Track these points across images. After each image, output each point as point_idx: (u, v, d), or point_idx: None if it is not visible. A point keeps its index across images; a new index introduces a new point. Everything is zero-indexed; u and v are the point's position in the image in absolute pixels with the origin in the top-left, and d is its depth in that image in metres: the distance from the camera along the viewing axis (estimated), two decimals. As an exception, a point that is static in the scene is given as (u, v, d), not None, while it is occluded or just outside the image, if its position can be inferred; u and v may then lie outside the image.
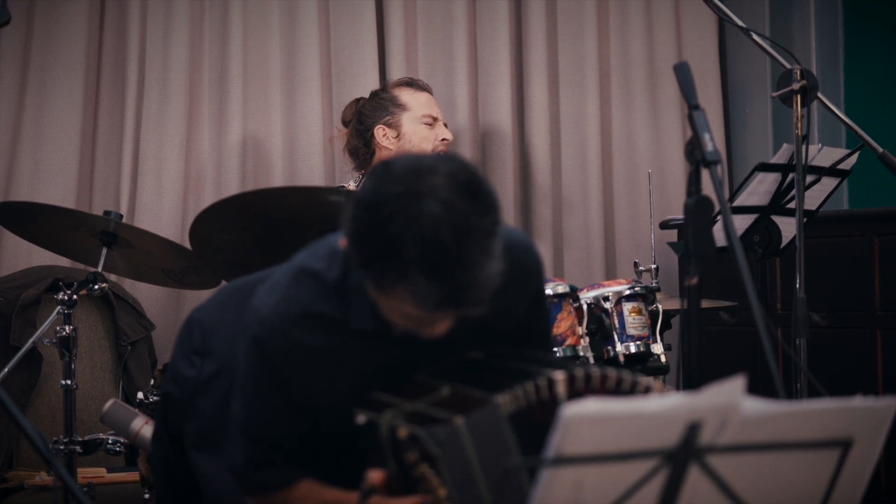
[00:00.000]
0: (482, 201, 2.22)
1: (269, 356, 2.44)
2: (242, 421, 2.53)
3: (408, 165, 2.23)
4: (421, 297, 2.20)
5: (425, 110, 4.49)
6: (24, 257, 4.87)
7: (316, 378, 2.45)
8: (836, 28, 5.73)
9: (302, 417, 2.48)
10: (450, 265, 2.17)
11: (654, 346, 3.81)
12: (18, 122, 4.97)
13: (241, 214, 3.59)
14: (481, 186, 2.23)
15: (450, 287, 2.19)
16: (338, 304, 2.44)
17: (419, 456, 2.21)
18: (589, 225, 5.53)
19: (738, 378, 1.92)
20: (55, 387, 4.59)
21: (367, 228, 2.21)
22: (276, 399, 2.47)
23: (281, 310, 2.44)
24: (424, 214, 2.16)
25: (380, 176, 2.24)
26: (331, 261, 2.46)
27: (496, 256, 2.23)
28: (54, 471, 2.31)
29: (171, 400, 2.89)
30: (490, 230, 2.21)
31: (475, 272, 2.20)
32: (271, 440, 2.51)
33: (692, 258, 2.48)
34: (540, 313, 2.70)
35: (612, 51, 5.61)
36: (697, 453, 1.97)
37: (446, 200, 2.18)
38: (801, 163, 3.63)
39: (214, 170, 5.13)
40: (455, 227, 2.17)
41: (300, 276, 2.48)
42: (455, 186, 2.20)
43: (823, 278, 4.77)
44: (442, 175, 2.20)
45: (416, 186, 2.18)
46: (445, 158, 2.26)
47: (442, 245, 2.16)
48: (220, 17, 5.16)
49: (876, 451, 2.12)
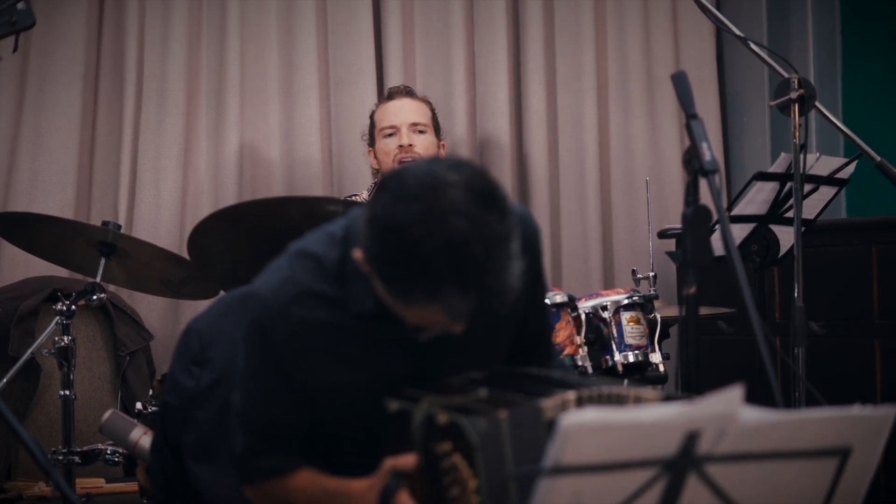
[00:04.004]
0: (499, 206, 2.23)
1: (269, 337, 2.44)
2: (243, 408, 2.53)
3: (422, 178, 2.23)
4: (454, 309, 2.23)
5: (384, 123, 4.56)
6: (23, 268, 4.86)
7: (317, 357, 2.45)
8: (834, 37, 5.74)
9: (302, 402, 2.48)
10: (481, 276, 2.19)
11: (653, 356, 3.81)
12: (17, 133, 4.97)
13: (239, 225, 3.59)
14: (496, 191, 2.25)
15: (481, 296, 2.21)
16: (338, 286, 2.44)
17: (452, 447, 2.21)
18: (587, 234, 5.53)
19: (737, 387, 1.92)
20: (54, 397, 4.59)
21: (394, 250, 2.21)
22: (277, 383, 2.47)
23: (281, 290, 2.44)
24: (453, 232, 2.17)
25: (395, 192, 2.23)
26: (329, 245, 2.46)
27: (517, 255, 2.25)
28: (53, 481, 2.31)
29: (169, 410, 2.89)
30: (510, 234, 2.23)
31: (504, 277, 2.22)
32: (271, 427, 2.50)
33: (690, 267, 2.48)
34: (539, 287, 2.70)
35: (609, 59, 5.61)
36: (696, 462, 1.97)
37: (470, 214, 2.19)
38: (799, 172, 3.63)
39: (212, 180, 5.13)
40: (483, 238, 2.18)
41: (300, 258, 2.48)
42: (474, 197, 2.21)
43: (822, 287, 4.77)
44: (459, 187, 2.21)
45: (437, 203, 2.19)
46: (456, 165, 2.26)
47: (473, 259, 2.18)
48: (217, 28, 5.16)
49: (874, 459, 2.12)
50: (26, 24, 2.75)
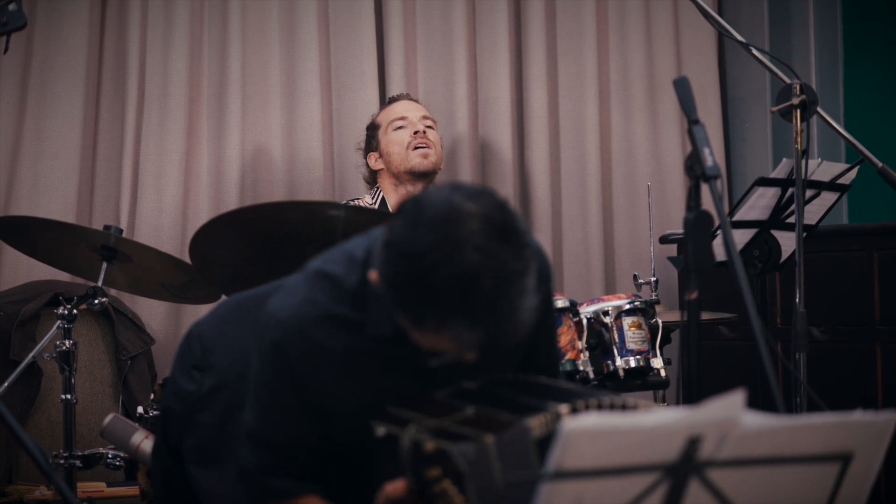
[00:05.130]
0: (516, 242, 2.22)
1: (286, 359, 2.44)
2: (255, 426, 2.53)
3: (441, 208, 2.22)
4: (462, 341, 2.23)
5: (392, 116, 4.67)
6: (24, 272, 4.86)
7: (333, 379, 2.45)
8: (836, 43, 5.74)
9: (316, 423, 2.48)
10: (490, 311, 2.19)
11: (654, 361, 3.81)
12: (18, 137, 4.97)
13: (241, 229, 3.59)
14: (515, 225, 2.24)
15: (490, 331, 2.21)
16: (356, 308, 2.43)
17: (442, 472, 2.21)
18: (588, 238, 5.53)
19: (738, 392, 1.92)
20: (55, 401, 4.58)
21: (406, 277, 2.21)
22: (292, 405, 2.47)
23: (299, 312, 2.44)
24: (465, 265, 2.17)
25: (413, 219, 2.23)
26: (349, 267, 2.46)
27: (531, 291, 2.24)
28: (54, 485, 2.30)
29: (170, 414, 2.88)
30: (525, 269, 2.22)
31: (514, 314, 2.22)
32: (283, 448, 2.51)
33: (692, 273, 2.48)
34: (548, 319, 2.70)
35: (611, 65, 5.61)
36: (697, 467, 1.96)
37: (484, 248, 2.18)
38: (801, 177, 3.63)
39: (214, 184, 5.13)
40: (494, 274, 2.18)
41: (318, 279, 2.48)
42: (490, 231, 2.20)
43: (823, 293, 4.77)
44: (477, 219, 2.20)
45: (452, 234, 2.18)
46: (477, 195, 2.25)
47: (483, 294, 2.17)
48: (219, 32, 5.16)
49: (876, 464, 2.12)
50: (17, 24, 2.75)
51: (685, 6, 5.64)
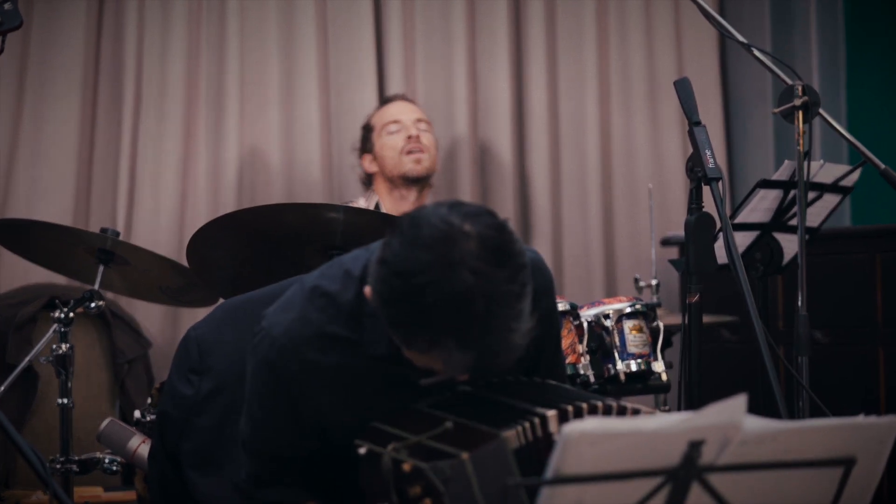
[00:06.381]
0: (512, 265, 2.20)
1: (279, 378, 2.44)
2: (249, 439, 2.53)
3: (438, 227, 2.20)
4: (452, 363, 2.22)
5: (387, 119, 4.72)
6: (21, 275, 4.86)
7: (328, 397, 2.44)
8: (838, 44, 5.73)
9: (310, 438, 2.49)
10: (482, 334, 2.18)
11: (655, 365, 3.79)
12: (15, 140, 4.97)
13: (239, 231, 3.58)
14: (512, 248, 2.22)
15: (481, 353, 2.21)
16: (351, 326, 2.43)
17: (422, 490, 2.20)
18: (589, 241, 5.52)
19: (740, 396, 1.92)
20: (51, 405, 4.55)
21: (399, 296, 2.20)
22: (285, 420, 2.47)
23: (293, 330, 2.43)
24: (458, 286, 2.15)
25: (409, 238, 2.21)
26: (345, 283, 2.45)
27: (525, 315, 2.23)
28: (51, 490, 2.30)
29: (168, 418, 2.88)
30: (520, 293, 2.21)
31: (506, 337, 2.21)
32: (277, 460, 2.51)
33: (693, 275, 2.47)
34: (552, 331, 2.70)
35: (612, 66, 5.60)
36: (699, 472, 1.96)
37: (478, 270, 2.16)
38: (803, 179, 3.61)
39: (212, 186, 5.12)
40: (487, 297, 2.16)
41: (314, 296, 2.46)
42: (486, 253, 2.18)
43: (825, 296, 4.75)
44: (474, 240, 2.19)
45: (447, 255, 2.17)
46: (475, 215, 2.23)
47: (475, 316, 2.16)
48: (216, 34, 5.16)
49: (879, 469, 2.12)
50: (13, 24, 2.73)
51: (686, 6, 5.63)
